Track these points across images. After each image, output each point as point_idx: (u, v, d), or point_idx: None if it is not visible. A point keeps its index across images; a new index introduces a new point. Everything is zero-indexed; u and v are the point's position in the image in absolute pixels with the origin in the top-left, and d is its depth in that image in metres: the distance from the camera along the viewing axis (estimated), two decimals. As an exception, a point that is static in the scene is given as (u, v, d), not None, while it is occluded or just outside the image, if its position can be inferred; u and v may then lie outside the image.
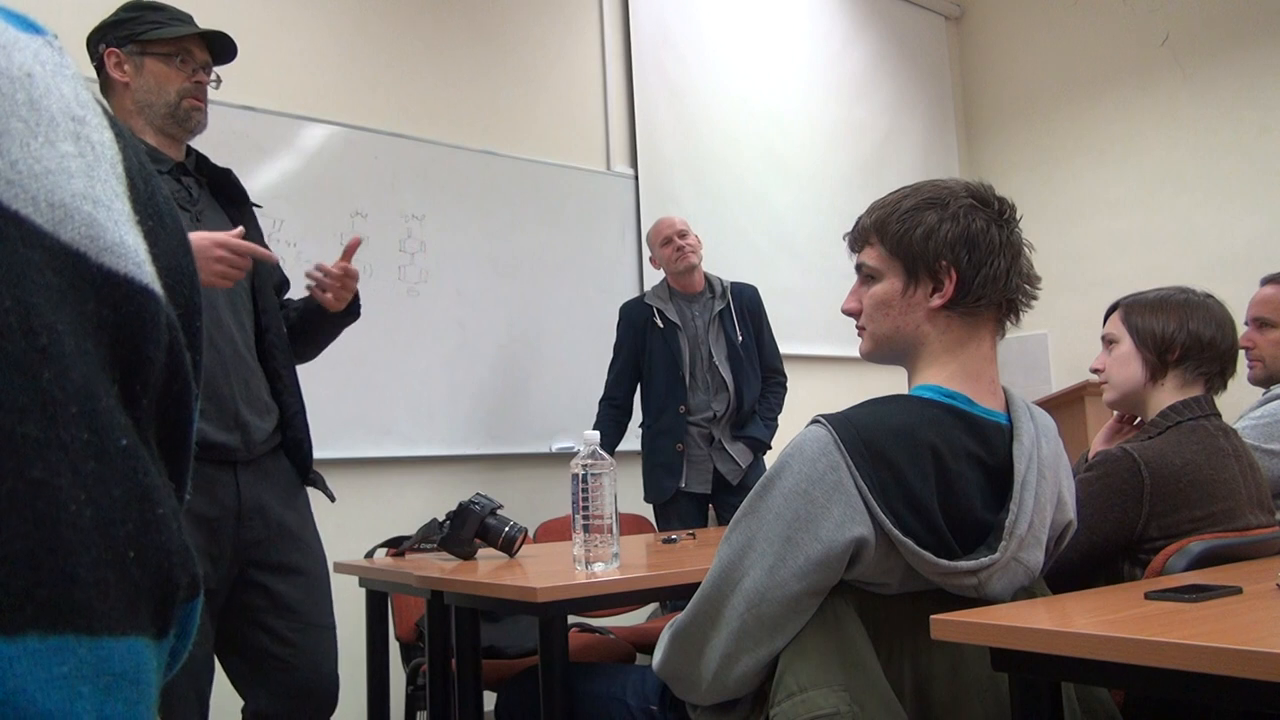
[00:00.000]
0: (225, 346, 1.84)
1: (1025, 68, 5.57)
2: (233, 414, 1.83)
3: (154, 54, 1.86)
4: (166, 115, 1.88)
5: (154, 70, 1.86)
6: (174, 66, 1.88)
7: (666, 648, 1.31)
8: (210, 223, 1.91)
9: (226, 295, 1.86)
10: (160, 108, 1.87)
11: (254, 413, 1.88)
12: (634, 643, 2.85)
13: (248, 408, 1.86)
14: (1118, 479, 1.61)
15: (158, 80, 1.86)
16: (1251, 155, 4.69)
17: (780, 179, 4.85)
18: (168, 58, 1.87)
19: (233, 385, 1.84)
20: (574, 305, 4.00)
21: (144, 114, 1.87)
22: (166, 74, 1.87)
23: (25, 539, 0.23)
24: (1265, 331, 2.38)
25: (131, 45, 1.86)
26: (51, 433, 0.24)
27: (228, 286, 1.80)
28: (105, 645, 0.25)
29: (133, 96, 1.86)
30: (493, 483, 3.60)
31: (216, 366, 1.81)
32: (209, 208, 1.95)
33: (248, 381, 1.88)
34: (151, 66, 1.86)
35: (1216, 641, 0.94)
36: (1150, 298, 1.77)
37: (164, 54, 1.87)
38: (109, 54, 1.85)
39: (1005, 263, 1.27)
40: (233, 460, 1.84)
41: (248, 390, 1.88)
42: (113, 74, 1.86)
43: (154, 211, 0.31)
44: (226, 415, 1.82)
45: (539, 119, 4.06)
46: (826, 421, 1.20)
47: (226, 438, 1.81)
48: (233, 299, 1.89)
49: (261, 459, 1.90)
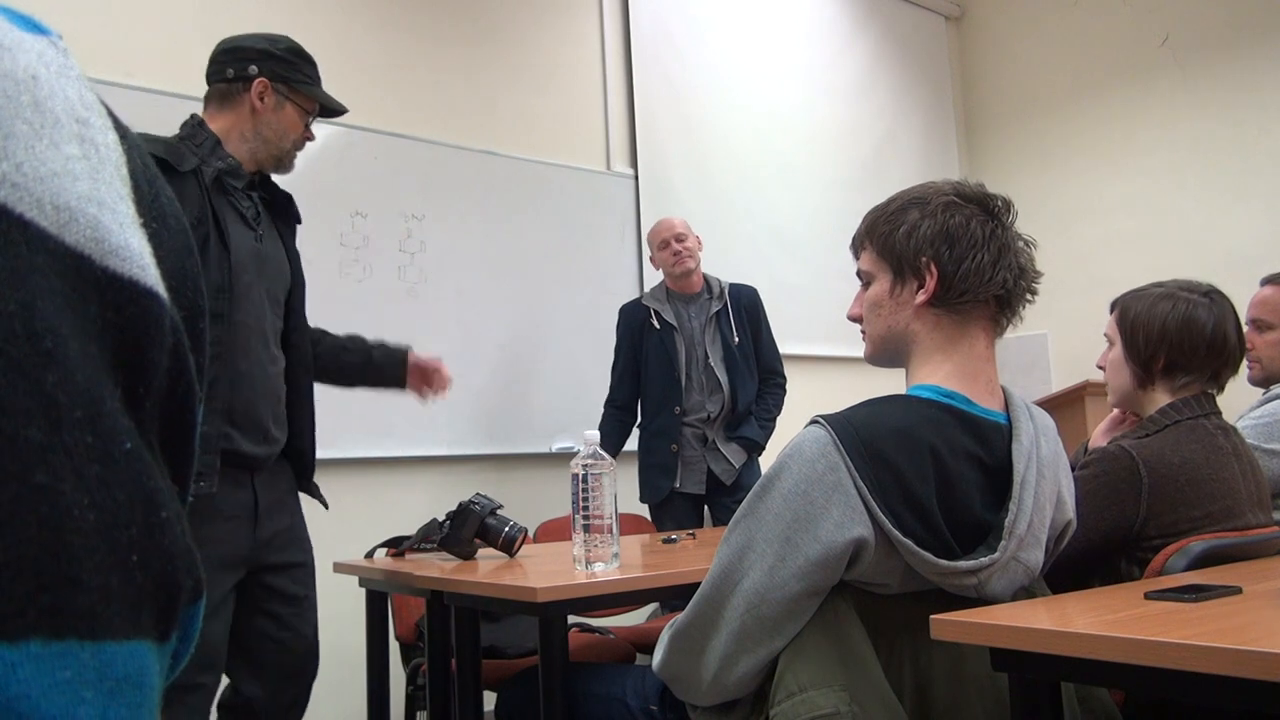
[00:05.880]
0: (258, 373, 1.96)
1: (1025, 68, 5.57)
2: (264, 432, 1.97)
3: (295, 103, 2.02)
4: (274, 155, 2.03)
5: (287, 116, 2.01)
6: (301, 119, 2.04)
7: (666, 648, 1.31)
8: (269, 243, 2.03)
9: (259, 320, 1.97)
10: (274, 146, 2.01)
11: (278, 428, 2.01)
12: (634, 643, 2.85)
13: (275, 425, 2.00)
14: (1115, 477, 1.61)
15: (285, 125, 2.01)
16: (1251, 155, 4.69)
17: (780, 179, 4.84)
18: (302, 111, 2.04)
19: (266, 407, 1.97)
20: (574, 305, 3.99)
21: (254, 141, 1.99)
22: (294, 123, 2.03)
23: (28, 544, 0.23)
24: (1264, 333, 2.38)
25: (283, 86, 2.00)
26: (55, 437, 0.24)
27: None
28: (108, 650, 0.25)
29: (255, 124, 1.98)
30: (493, 483, 3.60)
31: (252, 393, 1.94)
32: (269, 228, 2.06)
33: (276, 400, 2.02)
34: (288, 111, 2.01)
35: (1216, 641, 0.94)
36: (1145, 301, 1.75)
37: (302, 107, 2.03)
38: (260, 82, 1.97)
39: (989, 257, 1.27)
40: (252, 466, 1.97)
41: (275, 409, 2.01)
42: (252, 99, 1.97)
43: (158, 214, 0.31)
44: (259, 433, 1.96)
45: (539, 119, 4.06)
46: (825, 422, 1.21)
47: (257, 450, 1.95)
48: (265, 322, 1.99)
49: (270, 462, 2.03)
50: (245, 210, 1.98)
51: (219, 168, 1.92)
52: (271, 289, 2.01)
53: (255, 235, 1.98)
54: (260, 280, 1.98)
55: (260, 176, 2.06)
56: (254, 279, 1.95)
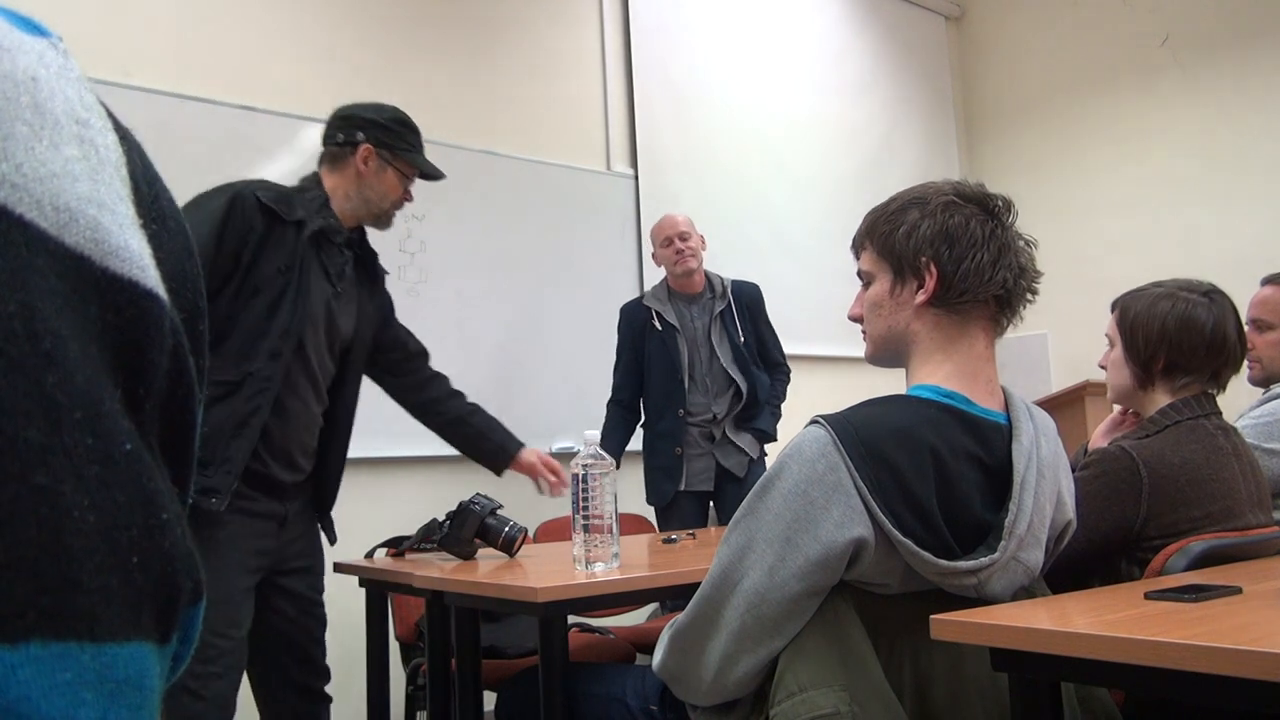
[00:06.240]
0: (300, 410, 2.11)
1: (1025, 68, 5.57)
2: (294, 462, 2.13)
3: (396, 168, 2.18)
4: (374, 214, 2.20)
5: (388, 179, 2.18)
6: (401, 183, 2.20)
7: (666, 648, 1.31)
8: (346, 298, 2.19)
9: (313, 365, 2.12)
10: (374, 206, 2.18)
11: (305, 459, 2.17)
12: (634, 643, 2.85)
13: (302, 456, 2.16)
14: (1115, 477, 1.61)
15: (386, 188, 2.18)
16: (1251, 155, 4.69)
17: (780, 179, 4.84)
18: (402, 176, 2.20)
19: (299, 442, 2.13)
20: (574, 305, 3.99)
21: (356, 201, 2.16)
22: (394, 186, 2.19)
23: (28, 546, 0.23)
24: (1264, 333, 2.38)
25: (386, 152, 2.16)
26: (55, 438, 0.24)
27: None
28: (108, 651, 0.25)
29: (358, 185, 2.16)
30: (493, 483, 3.60)
31: (291, 428, 2.09)
32: (351, 284, 2.22)
33: (310, 435, 2.17)
34: (389, 176, 2.18)
35: (1216, 641, 0.94)
36: (1144, 301, 1.75)
37: (403, 173, 2.19)
38: (365, 148, 2.15)
39: (988, 256, 1.28)
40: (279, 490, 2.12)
41: (306, 443, 2.16)
42: (358, 163, 2.15)
43: (158, 215, 0.31)
44: (288, 462, 2.12)
45: (539, 119, 4.06)
46: (825, 422, 1.21)
47: (283, 476, 2.11)
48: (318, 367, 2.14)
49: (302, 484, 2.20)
50: (332, 265, 2.15)
51: (320, 224, 2.09)
52: (332, 339, 2.17)
53: (334, 290, 2.15)
54: (324, 330, 2.14)
55: (358, 232, 2.23)
56: (319, 328, 2.11)
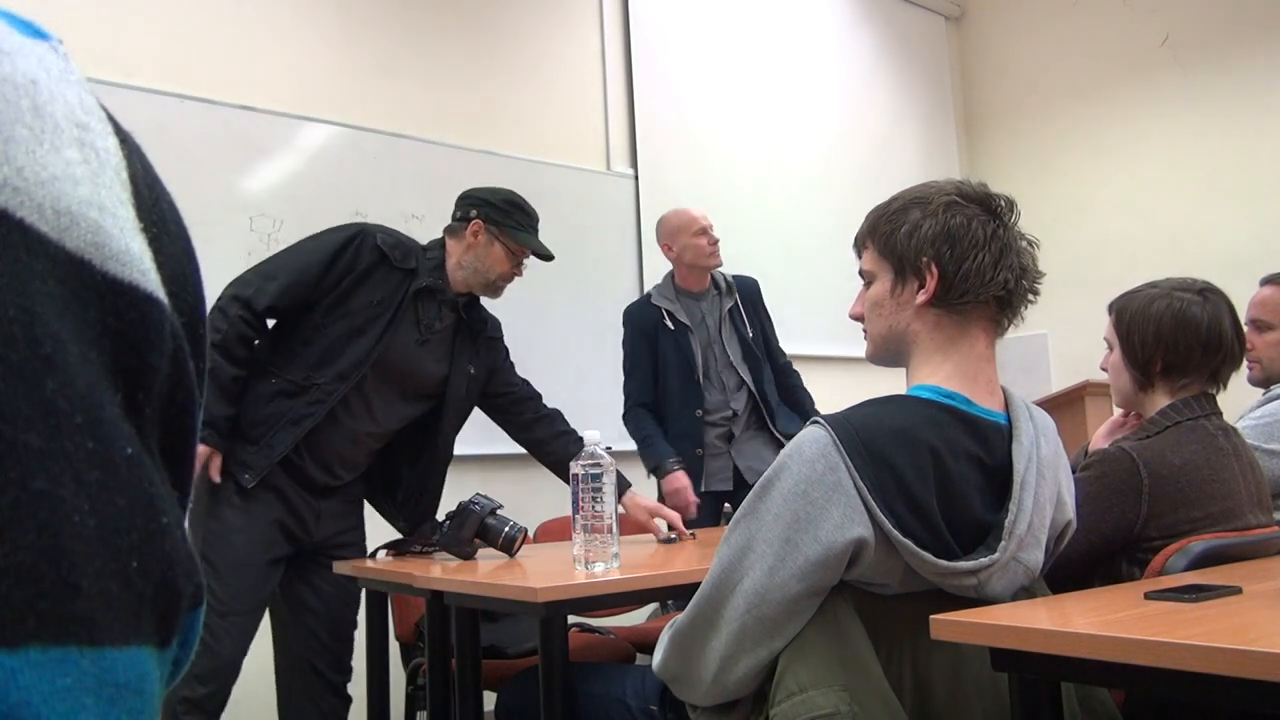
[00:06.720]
0: (350, 432, 2.31)
1: (1025, 68, 5.57)
2: (331, 470, 2.33)
3: (503, 244, 2.36)
4: (482, 283, 2.39)
5: (495, 253, 2.36)
6: (509, 259, 2.38)
7: (666, 648, 1.31)
8: (432, 351, 2.37)
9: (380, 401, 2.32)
10: (481, 275, 2.37)
11: (346, 470, 2.37)
12: (634, 643, 2.85)
13: (341, 468, 2.36)
14: (1116, 478, 1.61)
15: (492, 260, 2.37)
16: (1251, 155, 4.69)
17: (780, 179, 4.84)
18: (509, 252, 2.37)
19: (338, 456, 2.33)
20: (574, 305, 3.99)
21: (466, 270, 2.36)
22: (500, 260, 2.37)
23: (28, 550, 0.23)
24: (1263, 333, 2.38)
25: (494, 229, 2.35)
26: (55, 442, 0.24)
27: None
28: (108, 656, 0.24)
29: (469, 256, 2.36)
30: (492, 483, 3.60)
31: (333, 441, 2.29)
32: (443, 338, 2.40)
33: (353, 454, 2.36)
34: (495, 250, 2.36)
35: (1216, 641, 0.94)
36: (1139, 302, 1.75)
37: (510, 249, 2.36)
38: (476, 223, 2.35)
39: (990, 257, 1.27)
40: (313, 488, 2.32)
41: (348, 460, 2.36)
42: (469, 235, 2.36)
43: (158, 218, 0.31)
44: (325, 468, 2.32)
45: (539, 119, 4.06)
46: (825, 422, 1.21)
47: (317, 478, 2.31)
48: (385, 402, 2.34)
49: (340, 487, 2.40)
50: (424, 317, 2.34)
51: (428, 282, 2.31)
52: (405, 378, 2.35)
53: (420, 339, 2.34)
54: (400, 374, 2.33)
55: (470, 298, 2.43)
56: (395, 370, 2.31)
